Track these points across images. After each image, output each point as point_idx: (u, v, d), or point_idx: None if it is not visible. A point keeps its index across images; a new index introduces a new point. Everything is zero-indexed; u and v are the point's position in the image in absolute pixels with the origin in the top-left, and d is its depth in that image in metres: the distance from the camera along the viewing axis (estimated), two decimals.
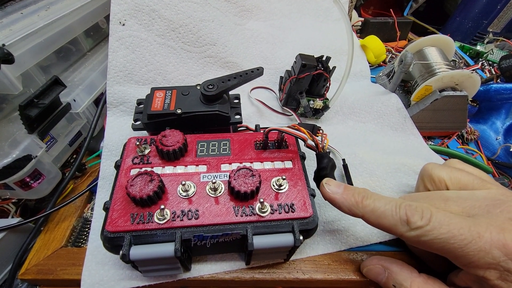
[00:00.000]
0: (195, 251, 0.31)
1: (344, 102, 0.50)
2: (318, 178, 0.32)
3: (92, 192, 0.39)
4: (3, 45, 0.30)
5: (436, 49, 0.48)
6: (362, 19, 0.70)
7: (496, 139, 0.48)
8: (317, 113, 0.48)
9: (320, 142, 0.32)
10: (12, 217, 0.36)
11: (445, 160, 0.42)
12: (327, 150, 0.33)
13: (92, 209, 0.38)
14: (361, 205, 0.27)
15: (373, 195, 0.27)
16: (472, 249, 0.22)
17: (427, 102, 0.44)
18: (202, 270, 0.31)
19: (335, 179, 0.32)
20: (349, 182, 0.36)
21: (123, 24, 0.44)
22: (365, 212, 0.27)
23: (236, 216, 0.27)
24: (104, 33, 0.49)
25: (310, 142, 0.32)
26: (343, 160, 0.38)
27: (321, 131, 0.34)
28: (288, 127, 0.32)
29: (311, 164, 0.39)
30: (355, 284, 0.32)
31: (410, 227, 0.24)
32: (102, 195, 0.37)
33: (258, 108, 0.49)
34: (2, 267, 0.34)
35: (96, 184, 0.37)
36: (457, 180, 0.29)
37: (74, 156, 0.43)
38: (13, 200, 0.37)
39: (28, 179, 0.33)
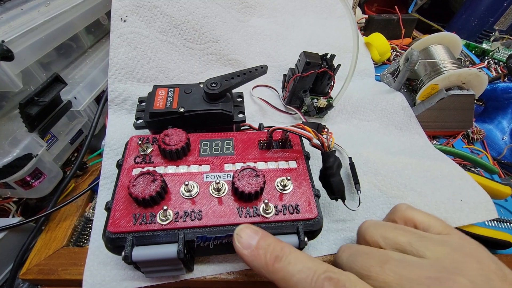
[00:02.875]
0: (198, 252, 0.31)
1: (348, 100, 0.50)
2: (324, 178, 0.32)
3: (93, 191, 0.39)
4: (3, 41, 0.30)
5: (442, 47, 0.47)
6: (366, 16, 0.69)
7: (503, 139, 0.47)
8: (320, 111, 0.47)
9: (326, 141, 0.32)
10: (13, 216, 0.36)
11: (453, 160, 0.41)
12: (333, 149, 0.32)
13: (93, 208, 0.37)
14: (271, 269, 0.21)
15: (290, 256, 0.22)
16: None
17: (433, 101, 0.43)
18: (205, 270, 0.31)
19: (341, 178, 0.32)
20: (356, 180, 0.35)
21: (125, 21, 0.43)
22: (275, 278, 0.21)
23: (240, 217, 0.27)
24: (105, 29, 0.48)
25: (315, 141, 0.31)
26: (350, 158, 0.37)
27: (326, 130, 0.34)
28: (293, 126, 0.31)
29: (315, 163, 0.39)
30: None
31: None
32: (104, 194, 0.36)
33: (261, 106, 0.49)
34: (3, 267, 0.33)
35: (98, 183, 0.37)
36: (393, 242, 0.24)
37: (75, 154, 0.43)
38: (14, 199, 0.37)
39: (28, 178, 0.33)
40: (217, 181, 0.28)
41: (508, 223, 0.38)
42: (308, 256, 0.22)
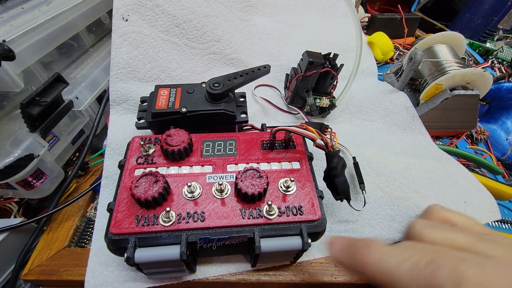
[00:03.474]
0: (201, 253, 0.31)
1: (350, 100, 0.49)
2: (329, 178, 0.32)
3: (95, 191, 0.39)
4: (4, 41, 0.29)
5: (446, 46, 0.46)
6: (369, 15, 0.69)
7: (507, 139, 0.47)
8: (323, 111, 0.47)
9: (330, 141, 0.31)
10: (15, 216, 0.36)
11: (460, 161, 0.41)
12: (337, 149, 0.32)
13: (95, 209, 0.37)
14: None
15: (379, 247, 0.22)
16: None
17: (437, 101, 0.43)
18: (207, 272, 0.31)
19: (346, 179, 0.31)
20: (360, 180, 0.35)
21: (126, 20, 0.43)
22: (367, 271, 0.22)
23: (243, 218, 0.27)
24: (106, 28, 0.48)
25: (319, 141, 0.31)
26: (353, 158, 0.37)
27: (329, 130, 0.33)
28: (296, 126, 0.31)
29: (318, 163, 0.39)
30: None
31: None
32: (106, 194, 0.36)
33: (263, 106, 0.48)
34: (5, 267, 0.33)
35: (99, 183, 0.37)
36: (453, 243, 0.23)
37: (77, 154, 0.43)
38: (16, 199, 0.36)
39: (30, 179, 0.32)
40: (220, 182, 0.28)
41: (511, 224, 0.38)
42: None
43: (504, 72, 0.56)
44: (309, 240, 0.26)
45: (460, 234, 0.24)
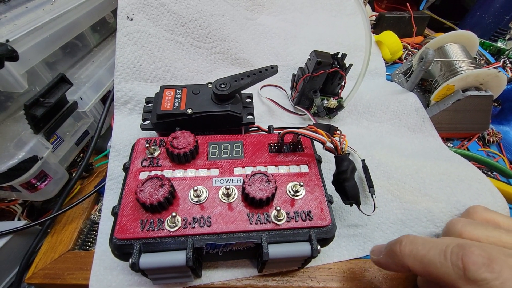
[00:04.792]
0: (207, 258, 0.30)
1: (358, 101, 0.48)
2: (338, 182, 0.31)
3: (99, 193, 0.38)
4: (7, 40, 0.29)
5: (458, 45, 0.45)
6: (376, 13, 0.68)
7: None
8: (330, 112, 0.46)
9: (339, 144, 0.31)
10: (19, 218, 0.36)
11: (472, 164, 0.39)
12: (347, 152, 0.31)
13: (99, 211, 0.37)
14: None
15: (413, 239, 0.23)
16: None
17: (449, 103, 0.42)
18: (213, 277, 0.30)
19: (355, 183, 0.31)
20: (370, 184, 0.34)
21: (131, 19, 0.42)
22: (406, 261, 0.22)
23: (251, 224, 0.26)
24: (111, 28, 0.47)
25: (329, 144, 0.30)
26: (363, 161, 0.36)
27: (338, 132, 0.32)
28: (305, 128, 0.30)
29: (326, 166, 0.38)
30: None
31: (469, 278, 0.18)
32: (110, 196, 0.35)
33: (269, 107, 0.48)
34: (9, 270, 0.33)
35: (104, 185, 0.36)
36: (498, 241, 0.22)
37: (81, 155, 0.42)
38: (20, 201, 0.36)
39: (34, 181, 0.32)
40: (227, 186, 0.27)
41: None
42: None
43: None
44: (318, 247, 0.26)
45: (506, 234, 0.23)
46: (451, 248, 0.20)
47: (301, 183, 0.28)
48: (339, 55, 0.43)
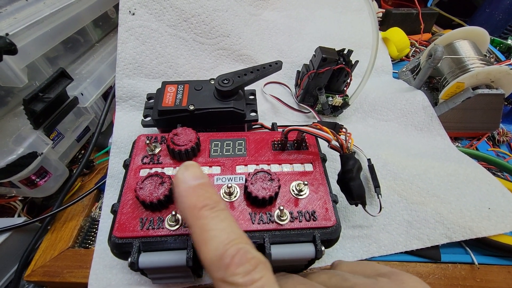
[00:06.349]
0: None
1: (364, 99, 0.47)
2: (343, 181, 0.30)
3: (100, 190, 0.38)
4: (7, 34, 0.28)
5: (468, 42, 0.44)
6: (383, 10, 0.66)
7: None
8: (335, 110, 0.45)
9: (345, 142, 0.30)
10: (19, 215, 0.35)
11: (481, 164, 0.38)
12: (352, 151, 0.30)
13: (100, 209, 0.36)
14: (196, 213, 0.18)
15: (222, 212, 0.18)
16: None
17: (458, 101, 0.40)
18: None
19: (361, 182, 0.30)
20: (376, 184, 0.33)
21: (133, 14, 0.41)
22: (194, 224, 0.18)
23: (253, 223, 0.25)
24: (113, 23, 0.47)
25: (334, 142, 0.29)
26: (368, 160, 0.35)
27: (344, 130, 0.31)
28: (310, 126, 0.29)
29: (331, 165, 0.37)
30: None
31: (225, 276, 0.16)
32: (110, 194, 0.35)
33: (273, 104, 0.47)
34: (8, 267, 0.32)
35: (105, 182, 0.36)
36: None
37: (82, 152, 0.42)
38: (20, 198, 0.36)
39: (34, 177, 0.32)
40: (229, 184, 0.26)
41: None
42: (237, 225, 0.19)
43: None
44: (323, 248, 0.25)
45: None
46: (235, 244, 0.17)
47: (305, 182, 0.27)
48: (345, 52, 0.42)
